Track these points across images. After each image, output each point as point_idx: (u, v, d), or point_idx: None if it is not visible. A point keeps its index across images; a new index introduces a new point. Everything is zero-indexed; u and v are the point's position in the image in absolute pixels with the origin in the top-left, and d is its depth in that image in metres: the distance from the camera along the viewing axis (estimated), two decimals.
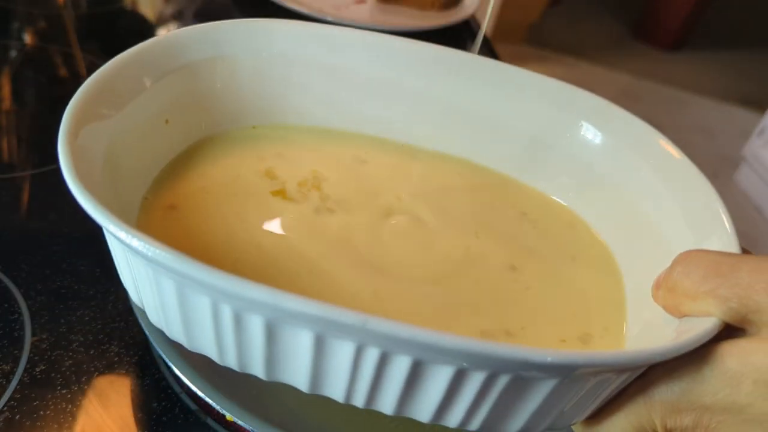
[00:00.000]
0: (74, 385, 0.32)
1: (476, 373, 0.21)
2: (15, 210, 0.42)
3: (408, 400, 0.23)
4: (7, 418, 0.30)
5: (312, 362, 0.22)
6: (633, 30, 2.57)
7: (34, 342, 0.34)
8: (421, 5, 0.80)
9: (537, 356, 0.19)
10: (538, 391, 0.22)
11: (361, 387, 0.23)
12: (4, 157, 0.47)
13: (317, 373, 0.23)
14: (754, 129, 1.73)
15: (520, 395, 0.22)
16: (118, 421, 0.31)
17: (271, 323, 0.21)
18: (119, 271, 0.27)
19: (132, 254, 0.23)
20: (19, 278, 0.37)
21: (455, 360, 0.20)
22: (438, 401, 0.22)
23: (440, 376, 0.21)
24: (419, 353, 0.20)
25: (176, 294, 0.22)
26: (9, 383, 0.32)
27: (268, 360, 0.23)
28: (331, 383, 0.23)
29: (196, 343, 0.24)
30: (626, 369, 0.22)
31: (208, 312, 0.22)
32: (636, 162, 0.32)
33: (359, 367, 0.22)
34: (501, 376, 0.21)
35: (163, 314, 0.24)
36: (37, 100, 0.53)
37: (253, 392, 0.33)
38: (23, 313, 0.35)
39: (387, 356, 0.21)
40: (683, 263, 0.23)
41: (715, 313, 0.21)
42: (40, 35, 0.63)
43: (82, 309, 0.36)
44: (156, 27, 0.71)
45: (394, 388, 0.22)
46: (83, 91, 0.27)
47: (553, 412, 0.23)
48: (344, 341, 0.21)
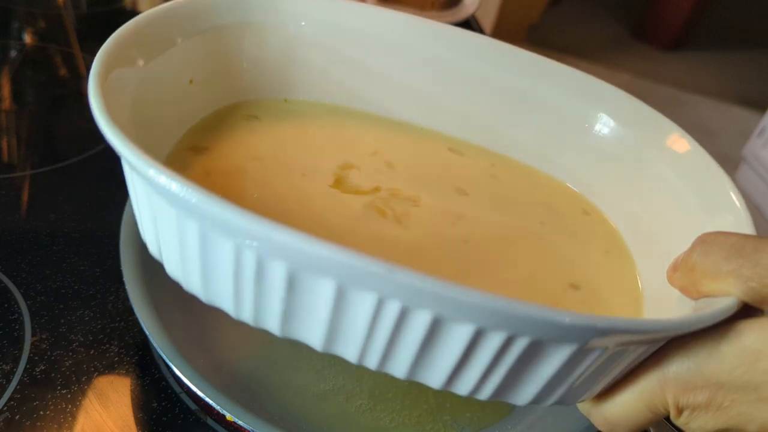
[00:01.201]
0: (74, 385, 0.32)
1: (494, 335, 0.20)
2: (15, 210, 0.42)
3: (422, 363, 0.22)
4: (7, 418, 0.30)
5: (330, 316, 0.21)
6: (633, 30, 2.57)
7: (34, 342, 0.34)
8: (420, 5, 0.80)
9: (559, 317, 0.19)
10: (553, 359, 0.21)
11: (376, 346, 0.22)
12: (4, 157, 0.47)
13: (334, 328, 0.22)
14: (754, 129, 1.73)
15: (534, 363, 0.21)
16: (118, 421, 0.31)
17: (293, 271, 0.20)
18: (139, 219, 0.26)
19: (156, 196, 0.22)
20: (19, 278, 0.37)
21: (476, 317, 0.20)
22: (452, 365, 0.22)
23: (458, 336, 0.21)
24: (441, 308, 0.20)
25: (199, 238, 0.21)
26: (9, 383, 0.32)
27: (285, 313, 0.22)
28: (346, 341, 0.22)
29: (212, 294, 0.23)
30: (647, 337, 0.21)
31: (230, 257, 0.21)
32: (650, 151, 0.33)
33: (377, 322, 0.21)
34: (519, 339, 0.20)
35: (182, 264, 0.23)
36: (37, 100, 0.53)
37: (253, 392, 0.33)
38: (23, 313, 0.35)
39: (407, 312, 0.20)
40: (704, 244, 0.23)
41: (735, 293, 0.21)
42: (40, 35, 0.63)
43: (82, 309, 0.36)
44: None
45: (409, 348, 0.21)
46: (115, 37, 0.27)
47: (563, 384, 0.23)
48: (366, 293, 0.20)
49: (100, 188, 0.45)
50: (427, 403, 0.35)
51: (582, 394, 0.24)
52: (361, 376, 0.35)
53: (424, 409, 0.34)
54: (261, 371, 0.34)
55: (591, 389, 0.24)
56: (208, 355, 0.34)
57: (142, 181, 0.22)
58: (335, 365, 0.35)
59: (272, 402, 0.33)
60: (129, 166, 0.23)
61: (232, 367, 0.34)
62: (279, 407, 0.33)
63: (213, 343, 0.35)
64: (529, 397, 0.23)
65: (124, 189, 0.36)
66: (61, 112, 0.53)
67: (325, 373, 0.35)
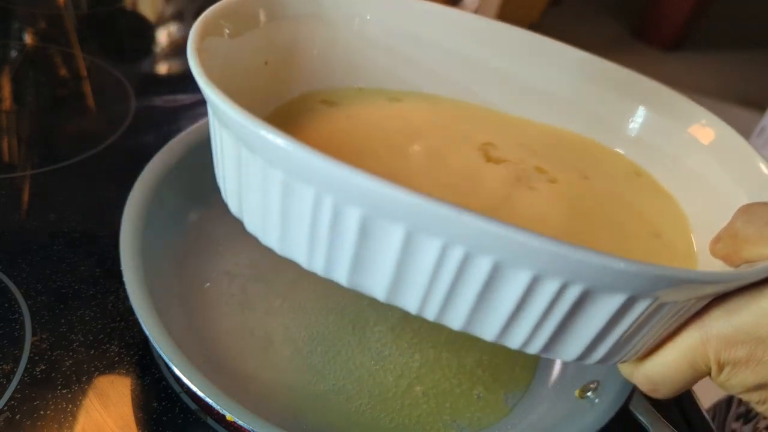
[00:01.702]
0: (74, 384, 0.32)
1: (550, 282, 0.21)
2: (15, 210, 0.42)
3: (478, 313, 0.23)
4: (7, 417, 0.30)
5: (396, 264, 0.22)
6: (633, 30, 2.57)
7: (35, 342, 0.34)
8: None
9: (616, 263, 0.20)
10: (603, 310, 0.22)
11: (437, 295, 0.23)
12: (4, 157, 0.47)
13: (398, 277, 0.23)
14: (754, 129, 1.73)
15: (584, 313, 0.22)
16: (118, 420, 0.31)
17: (366, 217, 0.22)
18: (223, 180, 0.28)
19: (244, 148, 0.24)
20: (19, 278, 0.37)
21: (535, 262, 0.20)
22: (507, 315, 0.22)
23: (515, 283, 0.21)
24: (502, 253, 0.20)
25: (281, 188, 0.23)
26: (9, 383, 0.32)
27: (355, 261, 0.23)
28: (409, 289, 0.23)
29: (288, 246, 0.25)
30: (696, 287, 0.22)
31: (309, 206, 0.23)
32: (688, 138, 0.34)
33: (440, 269, 0.22)
34: (572, 287, 0.21)
35: (263, 218, 0.25)
36: (37, 100, 0.53)
37: (253, 392, 0.33)
38: (23, 313, 0.35)
39: (469, 258, 0.21)
40: (746, 213, 0.24)
41: None
42: (40, 35, 0.63)
43: (82, 309, 0.36)
44: (156, 27, 0.71)
45: (467, 297, 0.22)
46: (214, 8, 0.29)
47: (609, 339, 0.23)
48: (432, 238, 0.21)
49: (100, 188, 0.45)
50: (427, 403, 0.35)
51: (626, 352, 0.25)
52: (360, 376, 0.35)
53: (424, 409, 0.34)
54: (261, 371, 0.34)
55: (635, 348, 0.25)
56: (208, 355, 0.34)
57: (231, 133, 0.24)
58: (335, 365, 0.35)
59: (272, 402, 0.33)
60: (218, 117, 0.25)
61: (232, 367, 0.34)
62: (279, 407, 0.33)
63: (213, 343, 0.35)
64: (577, 353, 0.24)
65: (124, 189, 0.36)
66: (61, 112, 0.53)
67: (325, 373, 0.35)
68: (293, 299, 0.38)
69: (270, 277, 0.39)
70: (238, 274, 0.39)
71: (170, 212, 0.38)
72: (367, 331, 0.37)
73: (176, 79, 0.61)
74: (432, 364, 0.37)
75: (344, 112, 0.35)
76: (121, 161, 0.47)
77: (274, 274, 0.39)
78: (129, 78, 0.57)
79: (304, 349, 0.36)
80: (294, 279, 0.39)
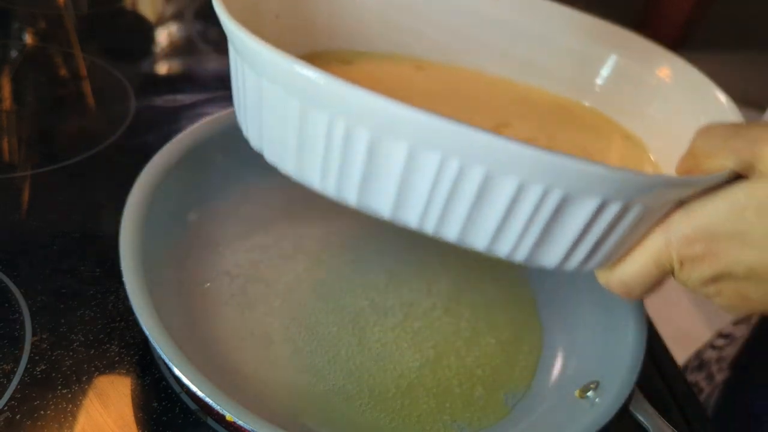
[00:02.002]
0: (74, 384, 0.33)
1: (533, 187, 0.24)
2: (15, 210, 0.42)
3: (471, 223, 0.26)
4: (7, 417, 0.30)
5: (400, 179, 0.25)
6: (633, 29, 2.56)
7: (35, 342, 0.34)
8: None
9: (593, 167, 0.23)
10: (579, 214, 0.25)
11: (435, 208, 0.26)
12: (4, 157, 0.47)
13: (401, 193, 0.26)
14: None
15: (564, 219, 0.25)
16: (118, 420, 0.31)
17: (373, 138, 0.24)
18: (244, 115, 0.30)
19: (264, 79, 0.26)
20: (19, 278, 0.37)
21: (520, 169, 0.23)
22: (496, 223, 0.25)
23: (503, 191, 0.24)
24: (492, 163, 0.23)
25: (298, 116, 0.26)
26: (9, 383, 0.32)
27: (363, 180, 0.26)
28: (411, 205, 0.26)
29: (303, 170, 0.27)
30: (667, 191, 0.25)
31: (323, 130, 0.25)
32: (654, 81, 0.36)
33: (438, 182, 0.25)
34: (554, 191, 0.24)
35: (282, 146, 0.28)
36: (37, 100, 0.53)
37: (253, 392, 0.33)
38: (23, 313, 0.35)
39: (464, 169, 0.24)
40: (704, 131, 0.27)
41: (729, 165, 0.26)
42: (40, 35, 0.63)
43: (83, 309, 0.36)
44: (156, 27, 0.71)
45: (462, 208, 0.25)
46: None
47: (585, 244, 0.26)
48: (431, 152, 0.24)
49: (100, 188, 0.45)
50: (427, 403, 0.35)
51: (600, 257, 0.28)
52: (360, 376, 0.35)
53: (424, 409, 0.34)
54: (261, 371, 0.34)
55: (608, 253, 0.27)
56: (208, 355, 0.34)
57: (252, 66, 0.26)
58: (335, 365, 0.35)
59: (272, 402, 0.33)
60: (239, 52, 0.27)
61: (232, 367, 0.34)
62: (279, 407, 0.33)
63: (213, 343, 0.35)
64: (557, 258, 0.27)
65: (124, 189, 0.36)
66: (61, 112, 0.53)
67: (325, 373, 0.35)
68: (293, 299, 0.38)
69: (270, 277, 0.39)
70: (238, 274, 0.39)
71: (170, 212, 0.38)
72: (367, 331, 0.37)
73: (176, 79, 0.61)
74: (432, 364, 0.37)
75: (360, 72, 0.35)
76: (121, 161, 0.47)
77: (274, 274, 0.39)
78: (129, 78, 0.57)
79: (304, 349, 0.36)
80: (294, 279, 0.39)
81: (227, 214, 0.42)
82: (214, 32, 0.67)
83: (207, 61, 0.63)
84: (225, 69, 0.62)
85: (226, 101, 0.58)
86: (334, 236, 0.42)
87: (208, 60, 0.63)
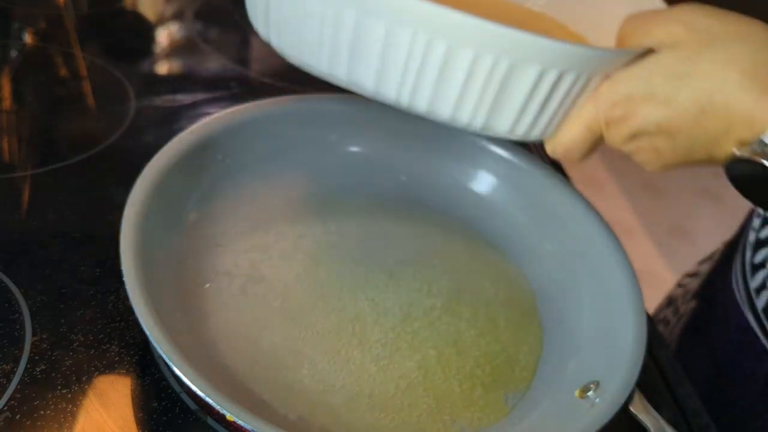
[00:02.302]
0: (74, 384, 0.33)
1: (485, 57, 0.28)
2: (15, 210, 0.42)
3: (438, 93, 0.30)
4: (7, 417, 0.30)
5: (379, 56, 0.29)
6: None
7: (35, 342, 0.34)
8: None
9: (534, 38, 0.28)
10: (525, 80, 0.29)
11: (408, 81, 0.30)
12: (4, 157, 0.47)
13: (381, 66, 0.30)
14: None
15: (512, 85, 0.30)
16: (118, 420, 0.31)
17: (358, 19, 0.29)
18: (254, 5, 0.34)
19: None
20: (19, 278, 0.37)
21: (475, 42, 0.28)
22: (457, 91, 0.30)
23: (462, 61, 0.29)
24: (452, 38, 0.28)
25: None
26: (9, 383, 0.32)
27: (351, 59, 0.30)
28: (389, 78, 0.30)
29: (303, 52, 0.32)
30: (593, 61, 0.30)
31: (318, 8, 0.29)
32: None
33: (410, 57, 0.29)
34: (502, 61, 0.28)
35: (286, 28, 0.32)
36: (37, 100, 0.53)
37: (253, 392, 0.33)
38: (23, 313, 0.35)
39: (430, 43, 0.28)
40: (628, 17, 0.33)
41: (646, 42, 0.31)
42: (40, 35, 0.63)
43: (83, 309, 0.36)
44: (156, 27, 0.71)
45: (429, 79, 0.30)
46: None
47: (530, 112, 0.31)
48: (403, 29, 0.28)
49: (100, 188, 0.45)
50: (427, 403, 0.35)
51: (544, 125, 0.32)
52: (360, 376, 0.35)
53: (423, 409, 0.34)
54: (261, 371, 0.34)
55: (550, 121, 0.32)
56: (208, 355, 0.34)
57: None
58: (335, 365, 0.35)
59: (272, 402, 0.33)
60: None
61: (232, 367, 0.34)
62: (279, 407, 0.33)
63: (213, 343, 0.35)
64: (508, 125, 0.31)
65: (124, 189, 0.36)
66: (61, 112, 0.53)
67: (325, 373, 0.35)
68: (293, 299, 0.38)
69: (270, 277, 0.39)
70: (238, 274, 0.39)
71: (170, 212, 0.38)
72: (367, 331, 0.37)
73: (176, 79, 0.61)
74: (432, 364, 0.37)
75: None
76: (121, 161, 0.47)
77: (274, 274, 0.39)
78: (129, 78, 0.57)
79: (304, 349, 0.36)
80: (294, 279, 0.39)
81: (227, 214, 0.42)
82: (214, 32, 0.67)
83: (207, 61, 0.63)
84: (225, 69, 0.62)
85: (226, 101, 0.58)
86: (334, 236, 0.42)
87: (208, 60, 0.63)
